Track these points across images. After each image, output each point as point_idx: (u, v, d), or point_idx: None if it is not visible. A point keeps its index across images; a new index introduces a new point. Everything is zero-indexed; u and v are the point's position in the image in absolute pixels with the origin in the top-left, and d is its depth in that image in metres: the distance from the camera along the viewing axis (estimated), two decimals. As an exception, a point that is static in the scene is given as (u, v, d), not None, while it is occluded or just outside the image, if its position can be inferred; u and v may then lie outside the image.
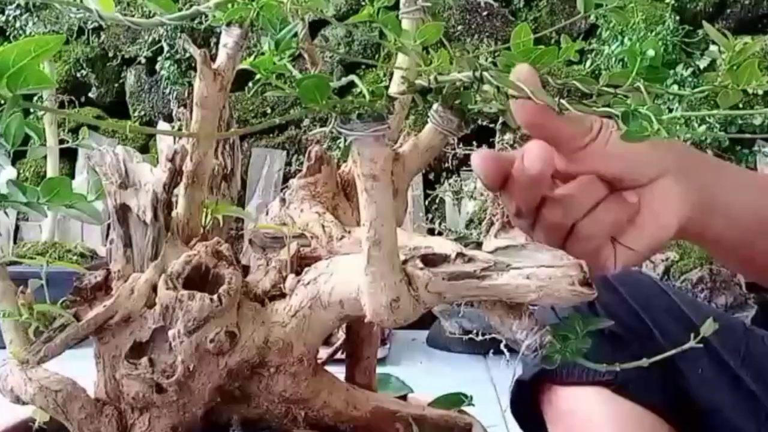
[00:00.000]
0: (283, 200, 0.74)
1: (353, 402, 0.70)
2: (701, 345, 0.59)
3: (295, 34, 0.55)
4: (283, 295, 0.67)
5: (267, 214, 0.74)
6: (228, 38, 0.66)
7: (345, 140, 0.55)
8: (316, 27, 2.66)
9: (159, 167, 0.66)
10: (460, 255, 0.60)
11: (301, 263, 0.69)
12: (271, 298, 0.67)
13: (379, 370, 0.80)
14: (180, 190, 0.70)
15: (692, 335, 0.59)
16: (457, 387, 0.83)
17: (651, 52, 0.52)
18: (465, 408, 0.79)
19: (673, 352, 0.60)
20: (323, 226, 0.69)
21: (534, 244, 0.60)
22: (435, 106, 0.66)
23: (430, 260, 0.61)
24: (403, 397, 0.82)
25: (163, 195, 0.66)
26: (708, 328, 0.59)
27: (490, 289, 0.59)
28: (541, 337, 0.59)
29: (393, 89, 0.63)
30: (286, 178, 2.62)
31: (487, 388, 1.89)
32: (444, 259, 0.60)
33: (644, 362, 0.61)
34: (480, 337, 2.13)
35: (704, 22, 0.58)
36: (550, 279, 0.58)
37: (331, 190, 0.74)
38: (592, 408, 0.93)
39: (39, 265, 0.67)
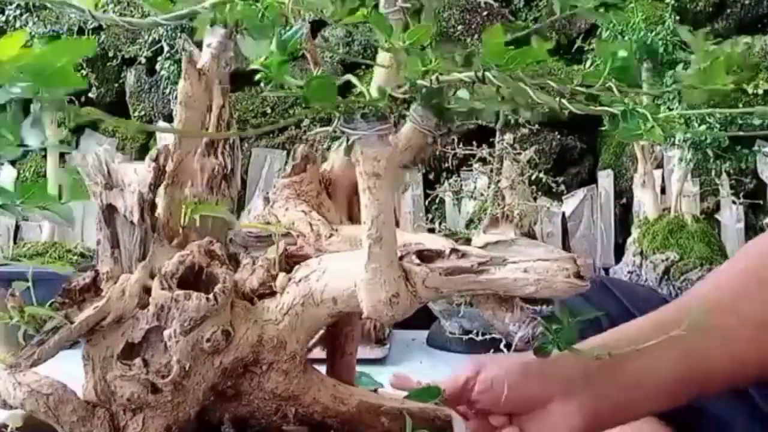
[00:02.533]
0: (266, 199, 0.74)
1: (340, 397, 0.71)
2: None
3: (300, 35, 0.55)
4: (272, 294, 0.68)
5: (249, 213, 0.75)
6: (212, 38, 0.66)
7: (348, 139, 0.56)
8: (315, 28, 2.66)
9: (143, 167, 0.66)
10: (453, 251, 0.61)
11: (288, 262, 0.70)
12: (259, 296, 0.68)
13: (379, 370, 0.81)
14: (161, 190, 0.70)
15: None
16: (456, 387, 0.83)
17: (623, 53, 0.53)
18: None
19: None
20: (310, 225, 0.71)
21: (524, 239, 0.63)
22: (414, 105, 0.67)
23: (426, 256, 0.62)
24: (374, 392, 0.83)
25: (149, 195, 0.65)
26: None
27: (488, 283, 0.61)
28: (533, 328, 0.61)
29: (374, 89, 0.64)
30: (286, 178, 2.61)
31: (487, 388, 1.88)
32: (438, 254, 0.62)
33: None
34: (480, 337, 2.12)
35: (678, 26, 0.60)
36: (547, 272, 0.59)
37: (315, 189, 0.75)
38: None
39: (26, 266, 0.66)
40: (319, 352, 0.79)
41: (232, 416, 0.68)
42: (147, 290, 0.65)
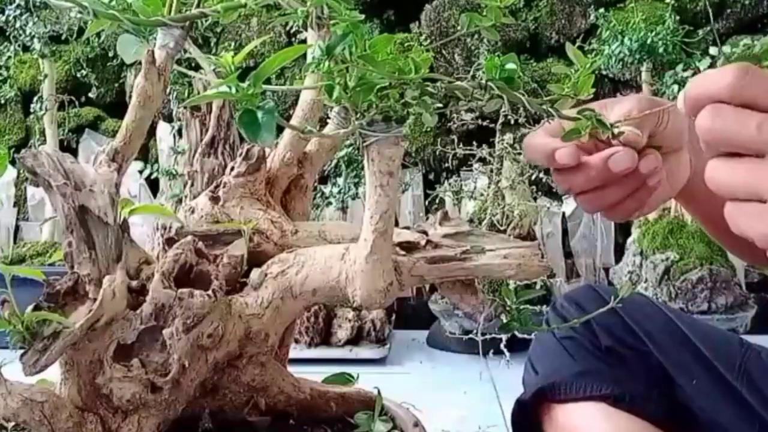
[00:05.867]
0: (214, 198, 0.75)
1: (298, 386, 0.74)
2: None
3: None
4: (240, 288, 0.69)
5: (193, 212, 0.75)
6: (168, 38, 0.64)
7: (363, 140, 0.59)
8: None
9: (100, 167, 0.65)
10: (428, 242, 0.67)
11: (250, 258, 0.71)
12: (227, 292, 0.68)
13: (380, 370, 0.81)
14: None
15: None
16: (456, 386, 0.83)
17: (510, 65, 0.58)
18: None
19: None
20: (272, 222, 0.72)
21: (477, 229, 0.69)
22: (336, 108, 0.70)
23: (406, 248, 0.67)
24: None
25: (117, 195, 0.64)
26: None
27: (473, 270, 0.65)
28: (495, 309, 0.67)
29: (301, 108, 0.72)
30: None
31: (487, 388, 1.89)
32: (416, 246, 0.66)
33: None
34: (480, 337, 2.13)
35: (568, 44, 0.65)
36: (523, 257, 0.65)
37: (264, 188, 0.77)
38: (592, 423, 0.94)
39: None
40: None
41: (208, 410, 0.70)
42: (130, 290, 0.64)
